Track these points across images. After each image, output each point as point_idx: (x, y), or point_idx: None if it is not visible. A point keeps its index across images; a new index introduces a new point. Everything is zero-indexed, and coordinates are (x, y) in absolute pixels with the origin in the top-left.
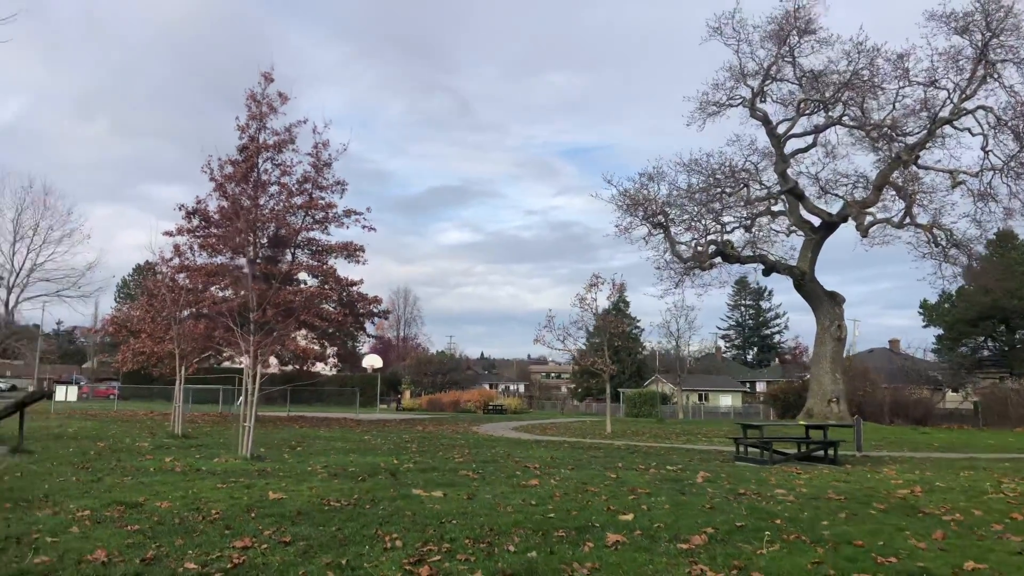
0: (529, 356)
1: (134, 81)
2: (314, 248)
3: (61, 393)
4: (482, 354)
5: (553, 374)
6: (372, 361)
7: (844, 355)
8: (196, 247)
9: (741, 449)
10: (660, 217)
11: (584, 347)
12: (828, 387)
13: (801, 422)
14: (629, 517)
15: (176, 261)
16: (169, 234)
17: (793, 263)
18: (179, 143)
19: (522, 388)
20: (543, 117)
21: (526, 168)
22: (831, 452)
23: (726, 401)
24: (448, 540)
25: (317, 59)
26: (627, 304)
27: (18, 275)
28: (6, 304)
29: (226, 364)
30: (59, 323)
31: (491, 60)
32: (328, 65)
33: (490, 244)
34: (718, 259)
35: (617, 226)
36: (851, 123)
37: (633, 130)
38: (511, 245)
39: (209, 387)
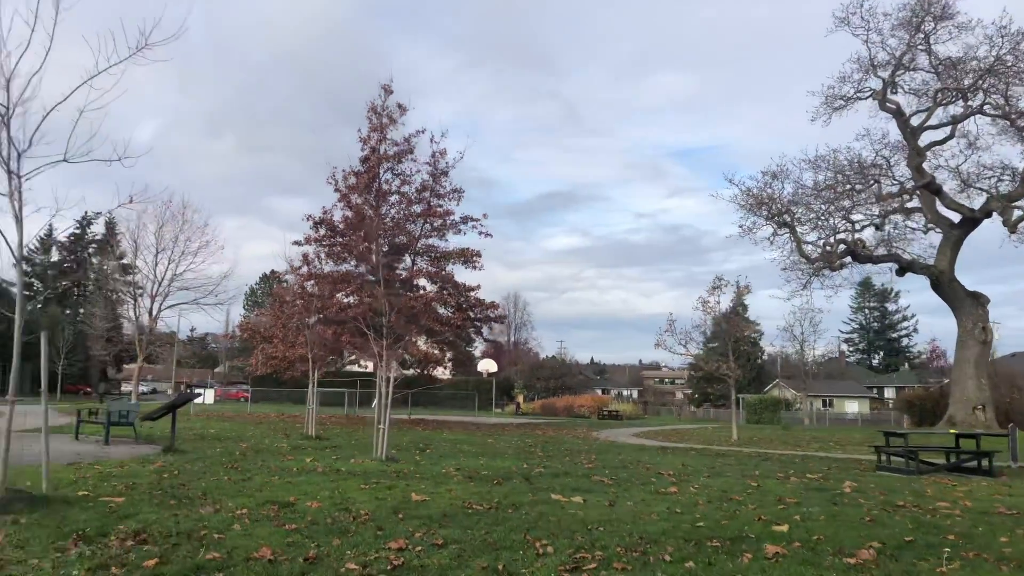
0: (641, 361)
1: (258, 100)
2: (432, 254)
3: (208, 396)
4: (592, 359)
5: (667, 380)
6: (487, 366)
7: (988, 359)
8: (323, 256)
9: (883, 458)
10: (785, 216)
11: (702, 351)
12: (972, 393)
13: (951, 431)
14: (784, 528)
15: (305, 269)
16: (298, 243)
17: (930, 262)
18: (300, 158)
19: (635, 394)
20: (652, 119)
21: (635, 171)
22: (985, 463)
23: (852, 407)
24: (600, 548)
25: (427, 71)
26: (745, 308)
27: (160, 284)
28: (150, 312)
29: (349, 368)
30: (192, 330)
31: (598, 63)
32: (437, 76)
33: (599, 248)
34: (848, 259)
35: (740, 226)
36: (994, 112)
37: (747, 129)
38: (620, 249)
39: (335, 390)
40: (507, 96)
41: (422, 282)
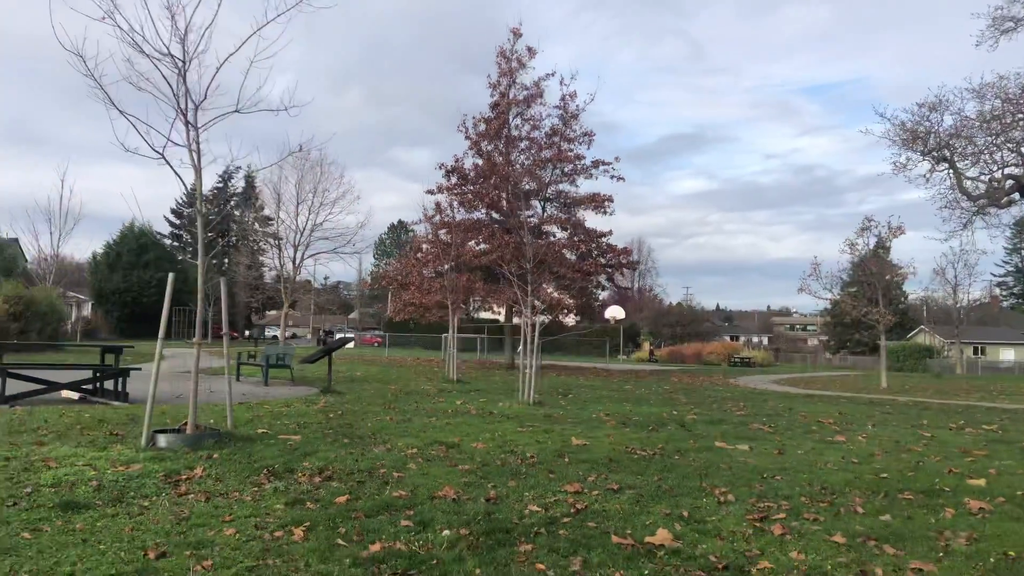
0: (769, 307)
1: (382, 53)
2: (563, 200)
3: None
4: (717, 305)
5: (798, 326)
6: (614, 312)
7: None
8: (455, 204)
9: None
10: (944, 151)
11: (840, 295)
12: None
13: None
14: (981, 483)
15: (438, 218)
16: (431, 192)
17: None
18: (424, 108)
19: (765, 340)
20: (781, 55)
21: (763, 110)
22: None
23: (1008, 355)
24: (783, 497)
25: (548, 14)
26: (887, 251)
27: (302, 234)
28: (293, 261)
29: (480, 316)
30: (326, 278)
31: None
32: (558, 19)
33: (725, 192)
34: (1016, 195)
35: (893, 163)
36: None
37: (888, 60)
38: (748, 192)
39: (465, 336)
40: (630, 36)
41: (553, 228)
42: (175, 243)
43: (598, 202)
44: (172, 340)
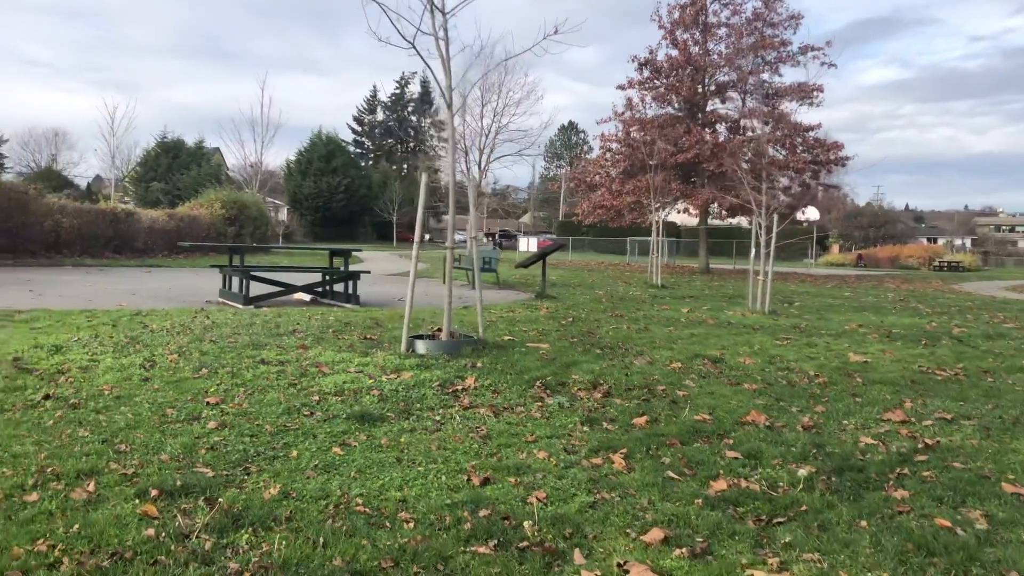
0: (967, 207)
1: None
2: (765, 91)
3: (524, 244)
4: (907, 205)
5: (1004, 227)
6: (809, 212)
7: None
8: (648, 99)
9: None
10: None
11: None
12: None
13: None
14: None
15: (628, 115)
16: (622, 88)
17: None
18: (590, 4)
19: (968, 243)
20: None
21: None
22: None
23: None
24: None
25: None
26: None
27: (486, 137)
28: (479, 164)
29: (670, 219)
30: (495, 182)
31: None
32: None
33: (921, 80)
34: None
35: None
36: None
37: None
38: (949, 79)
39: (642, 240)
40: None
41: (751, 122)
42: (358, 149)
43: (805, 92)
44: (366, 243)
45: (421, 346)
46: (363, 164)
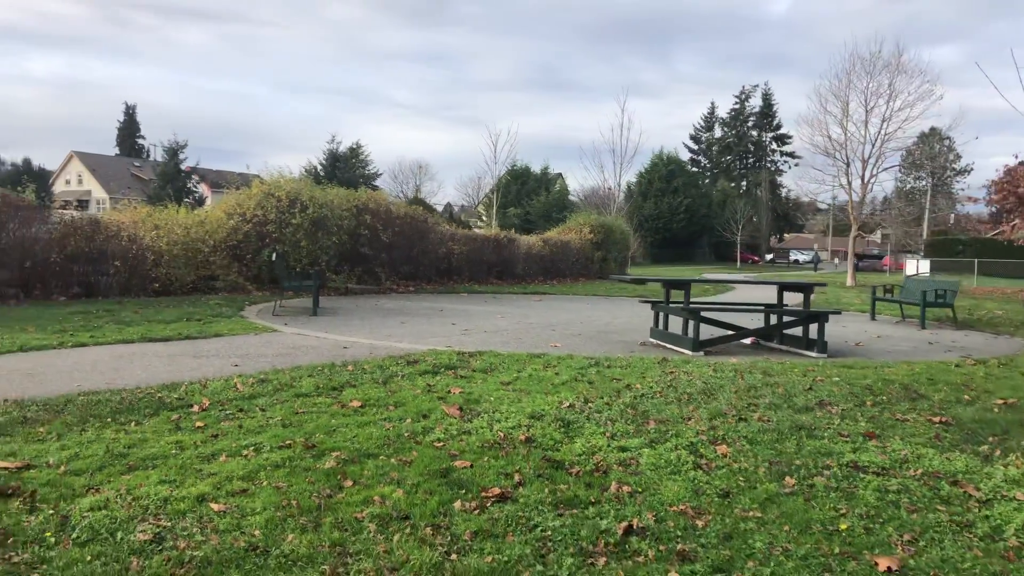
0: None
1: None
2: None
3: (911, 267)
4: None
5: None
6: None
7: None
8: None
9: None
10: None
11: None
12: None
13: None
14: None
15: None
16: None
17: None
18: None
19: None
20: None
21: None
22: None
23: None
24: None
25: None
26: None
27: (873, 146)
28: (862, 178)
29: None
30: (834, 197)
31: None
32: None
33: None
34: None
35: None
36: None
37: None
38: None
39: None
40: None
41: None
42: (694, 168)
43: None
44: (705, 264)
45: None
46: (701, 183)
